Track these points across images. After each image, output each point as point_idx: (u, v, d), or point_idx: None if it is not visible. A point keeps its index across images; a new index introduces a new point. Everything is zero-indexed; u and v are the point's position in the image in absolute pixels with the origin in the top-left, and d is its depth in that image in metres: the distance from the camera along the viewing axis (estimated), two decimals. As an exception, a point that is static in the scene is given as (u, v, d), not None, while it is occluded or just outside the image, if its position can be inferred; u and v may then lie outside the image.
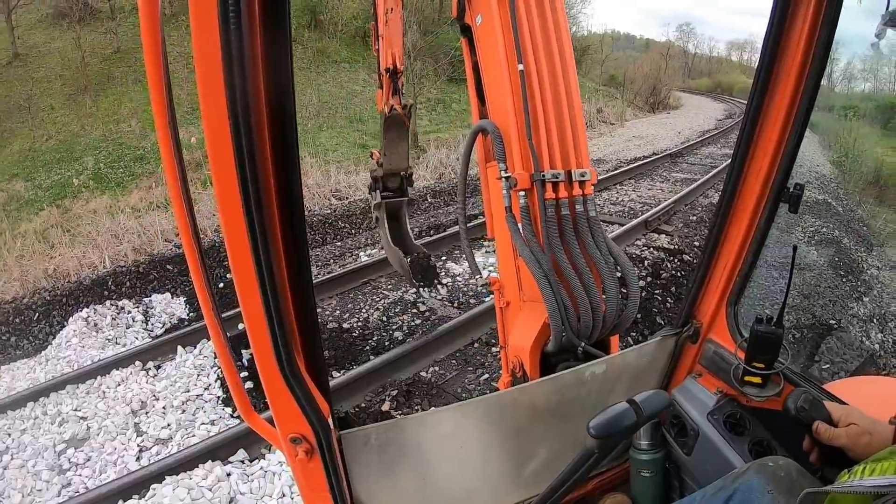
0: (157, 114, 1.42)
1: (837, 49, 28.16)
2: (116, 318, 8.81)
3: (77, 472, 5.59)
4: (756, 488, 1.88)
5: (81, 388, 6.86)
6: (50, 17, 27.42)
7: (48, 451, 5.84)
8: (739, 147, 2.24)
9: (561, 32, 3.15)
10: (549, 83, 3.05)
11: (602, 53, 57.50)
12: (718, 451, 2.44)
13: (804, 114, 2.06)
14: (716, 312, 2.61)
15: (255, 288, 1.53)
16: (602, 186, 15.41)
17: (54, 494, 5.32)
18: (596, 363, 2.59)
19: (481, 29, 3.22)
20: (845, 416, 1.95)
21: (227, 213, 1.45)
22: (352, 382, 6.25)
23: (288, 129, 1.48)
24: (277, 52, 1.39)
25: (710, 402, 2.57)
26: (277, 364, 1.66)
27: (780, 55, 2.03)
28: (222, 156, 1.36)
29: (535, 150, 2.93)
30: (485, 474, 2.61)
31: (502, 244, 3.26)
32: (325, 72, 27.99)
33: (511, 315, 3.37)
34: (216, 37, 1.24)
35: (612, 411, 1.74)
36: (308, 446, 1.87)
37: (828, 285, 9.14)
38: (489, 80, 3.26)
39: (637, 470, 2.76)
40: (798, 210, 2.20)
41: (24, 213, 16.58)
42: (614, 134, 29.44)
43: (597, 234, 3.12)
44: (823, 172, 19.66)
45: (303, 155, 16.16)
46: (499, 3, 3.00)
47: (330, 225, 12.65)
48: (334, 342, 7.55)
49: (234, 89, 1.28)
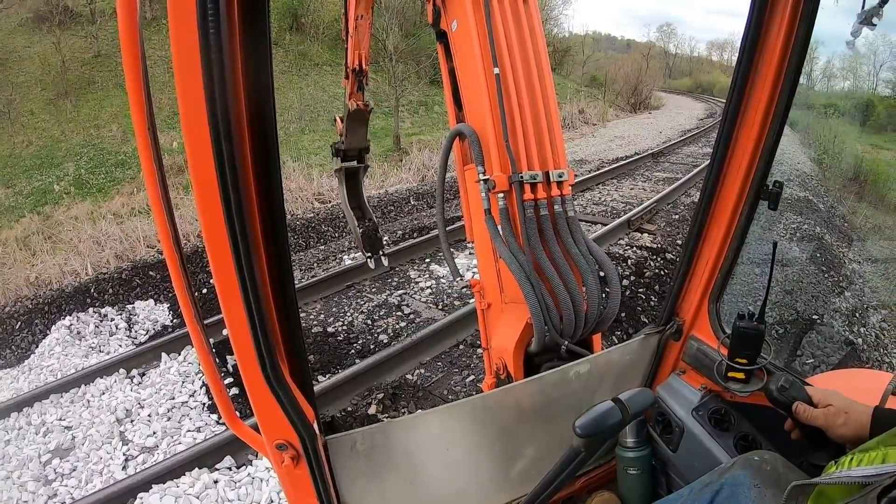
0: (136, 118, 1.42)
1: (817, 48, 28.46)
2: (100, 326, 8.71)
3: (63, 483, 5.51)
4: (743, 483, 1.90)
5: (65, 398, 6.78)
6: (30, 20, 27.16)
7: (33, 461, 5.76)
8: (719, 146, 2.27)
9: (536, 36, 3.18)
10: (525, 86, 3.08)
11: (583, 54, 57.77)
12: (704, 447, 2.46)
13: (782, 112, 2.08)
14: (698, 310, 2.64)
15: (237, 294, 1.52)
16: (584, 187, 15.50)
17: (40, 506, 5.27)
18: (580, 363, 2.60)
19: (457, 34, 3.24)
20: (824, 397, 1.98)
21: (207, 219, 1.44)
22: (338, 386, 6.24)
23: (268, 133, 1.47)
24: (257, 55, 1.38)
25: (694, 398, 2.60)
26: (261, 371, 1.65)
27: (758, 54, 2.06)
28: (202, 161, 1.35)
29: (512, 152, 2.95)
30: (472, 476, 2.62)
31: (482, 247, 3.27)
32: (306, 75, 27.96)
33: (493, 317, 3.38)
34: (195, 40, 1.23)
35: (598, 410, 1.76)
36: (294, 453, 1.86)
37: (809, 281, 9.23)
38: (465, 84, 3.27)
39: (624, 468, 2.78)
40: (778, 207, 2.21)
41: (4, 220, 16.43)
42: (596, 134, 29.58)
43: (576, 233, 3.14)
44: (804, 170, 19.84)
45: (285, 159, 16.16)
46: (474, 8, 3.02)
47: (313, 229, 12.59)
48: (319, 346, 7.56)
49: (213, 93, 1.27)
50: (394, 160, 21.69)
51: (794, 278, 9.25)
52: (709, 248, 2.50)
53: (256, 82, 1.40)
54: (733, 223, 2.38)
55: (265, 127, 1.46)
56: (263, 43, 1.39)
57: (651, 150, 22.48)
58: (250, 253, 1.47)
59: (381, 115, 26.10)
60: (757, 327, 2.30)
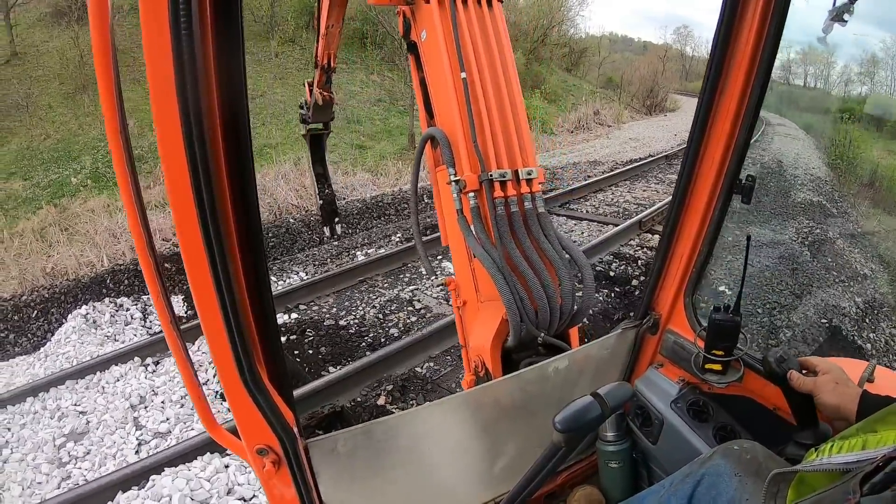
0: (107, 120, 1.40)
1: (835, 52, 28.24)
2: (115, 316, 8.87)
3: (77, 465, 5.65)
4: (724, 472, 1.92)
5: (81, 384, 6.94)
6: (49, 15, 27.35)
7: (48, 444, 5.89)
8: (692, 141, 2.30)
9: (502, 41, 3.29)
10: (492, 90, 3.18)
11: (599, 56, 57.54)
12: (684, 439, 2.51)
13: (754, 107, 2.12)
14: (674, 303, 2.68)
15: (213, 299, 1.51)
16: (597, 188, 15.49)
17: (54, 487, 5.38)
18: (558, 358, 2.62)
19: (426, 44, 3.33)
20: (822, 366, 2.00)
21: (182, 222, 1.42)
22: (348, 378, 6.35)
23: (242, 135, 1.45)
24: (230, 56, 1.37)
25: (672, 390, 2.64)
26: (239, 375, 1.64)
27: (731, 50, 2.09)
28: (176, 163, 1.34)
29: (480, 152, 3.02)
30: (455, 474, 2.65)
31: (456, 247, 3.33)
32: (322, 72, 28.00)
33: (469, 314, 3.42)
34: (167, 41, 1.23)
35: (577, 405, 1.76)
36: (275, 457, 1.86)
37: (818, 285, 9.21)
38: (435, 91, 3.35)
39: (605, 461, 2.85)
40: (751, 201, 2.25)
41: (21, 212, 16.55)
42: (611, 136, 29.47)
43: (547, 229, 3.18)
44: (819, 175, 19.71)
45: (300, 156, 16.19)
46: (441, 18, 3.14)
47: (327, 225, 12.63)
48: (331, 339, 7.67)
49: (186, 94, 1.26)
50: (408, 159, 21.69)
51: (806, 282, 9.23)
52: (683, 242, 2.53)
53: (230, 83, 1.39)
54: (707, 218, 2.41)
55: (239, 128, 1.44)
56: (237, 44, 1.38)
57: (665, 152, 22.36)
58: (225, 256, 1.46)
59: (396, 114, 26.10)
60: (733, 319, 2.34)
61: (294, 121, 22.90)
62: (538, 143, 24.45)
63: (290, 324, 8.21)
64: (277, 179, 14.28)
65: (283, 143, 20.70)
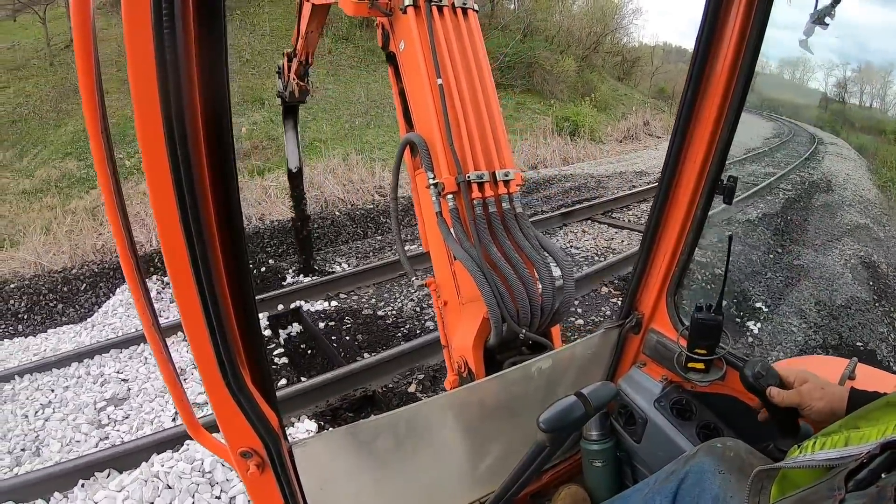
0: (89, 122, 1.40)
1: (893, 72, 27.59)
2: (161, 293, 9.17)
3: (115, 428, 5.89)
4: (708, 469, 1.93)
5: (125, 353, 7.24)
6: (108, 4, 28.04)
7: (88, 407, 6.15)
8: (675, 141, 2.31)
9: (477, 50, 3.38)
10: (468, 95, 3.25)
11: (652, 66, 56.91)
12: (667, 437, 2.53)
13: (736, 108, 2.13)
14: (656, 303, 2.70)
15: (195, 301, 1.50)
16: (641, 198, 15.36)
17: (91, 446, 5.62)
18: (542, 358, 2.64)
19: (404, 54, 3.42)
20: (798, 377, 1.99)
21: (163, 223, 1.41)
22: (382, 364, 6.50)
23: (224, 137, 1.44)
24: (213, 57, 1.36)
25: (655, 389, 2.67)
26: (223, 378, 1.63)
27: (714, 50, 2.11)
28: (157, 165, 1.34)
29: (457, 154, 3.08)
30: (440, 475, 2.65)
31: (436, 250, 3.39)
32: (374, 71, 28.08)
33: (450, 315, 3.45)
34: (149, 41, 1.23)
35: (561, 405, 1.76)
36: (259, 460, 1.85)
37: (858, 308, 9.08)
38: (413, 99, 3.43)
39: (589, 460, 2.87)
40: (732, 202, 2.25)
41: (75, 191, 16.96)
42: (659, 147, 29.03)
43: (525, 228, 3.22)
44: (868, 197, 19.35)
45: (349, 151, 16.35)
46: (418, 28, 3.22)
47: (372, 220, 12.85)
48: (368, 327, 7.86)
49: (168, 95, 1.26)
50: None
51: (843, 304, 9.10)
52: (666, 242, 2.55)
53: (212, 85, 1.37)
54: (689, 217, 2.43)
55: (222, 130, 1.43)
56: (219, 45, 1.36)
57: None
58: (207, 258, 1.45)
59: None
60: (715, 318, 2.37)
61: (344, 116, 23.20)
62: (586, 151, 24.25)
63: (331, 311, 8.43)
64: (326, 174, 14.45)
65: (333, 137, 20.90)
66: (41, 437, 5.90)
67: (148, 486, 4.68)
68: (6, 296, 9.63)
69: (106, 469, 5.05)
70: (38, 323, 9.32)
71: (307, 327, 8.08)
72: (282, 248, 11.37)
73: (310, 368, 7.16)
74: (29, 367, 7.11)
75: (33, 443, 5.84)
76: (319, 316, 8.30)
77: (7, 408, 6.46)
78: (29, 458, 5.67)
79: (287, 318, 8.33)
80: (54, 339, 8.17)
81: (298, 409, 5.93)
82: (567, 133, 25.26)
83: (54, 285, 9.71)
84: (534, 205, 14.78)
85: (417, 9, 3.24)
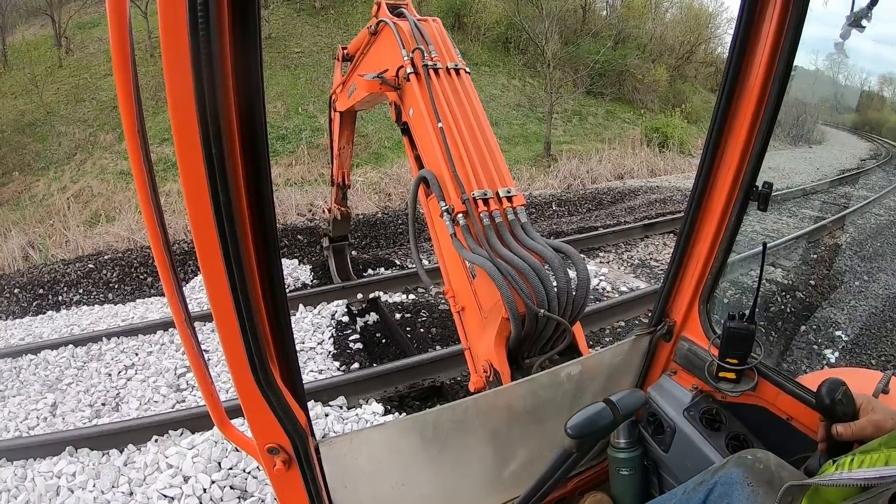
0: (125, 120, 1.41)
1: None
2: (197, 289, 9.57)
3: (192, 393, 6.34)
4: (736, 481, 1.89)
5: (208, 326, 7.63)
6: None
7: (169, 372, 6.59)
8: (709, 147, 2.27)
9: (472, 101, 3.96)
10: (467, 133, 3.75)
11: (746, 79, 55.08)
12: (696, 447, 2.48)
13: (771, 114, 2.09)
14: (688, 311, 2.65)
15: (227, 298, 1.51)
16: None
17: (168, 407, 6.05)
18: (571, 364, 2.61)
19: (414, 118, 4.03)
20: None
21: (197, 222, 1.42)
22: (452, 357, 6.64)
23: (258, 135, 1.45)
24: (247, 57, 1.36)
25: (685, 398, 2.62)
26: (252, 375, 1.65)
27: (748, 56, 2.07)
28: (192, 164, 1.35)
29: (461, 179, 3.50)
30: (464, 478, 2.64)
31: (453, 268, 3.78)
32: (467, 74, 28.34)
33: (469, 318, 3.72)
34: (185, 42, 1.22)
35: (589, 411, 1.75)
36: (286, 456, 1.86)
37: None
38: (423, 146, 3.98)
39: (616, 468, 2.81)
40: (767, 208, 2.22)
41: (170, 175, 17.78)
42: (750, 163, 28.19)
43: (532, 234, 3.50)
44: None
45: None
46: (420, 90, 3.89)
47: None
48: (443, 322, 8.06)
49: (203, 95, 1.26)
50: (542, 166, 21.79)
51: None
52: (699, 249, 2.50)
53: (246, 84, 1.38)
54: (723, 225, 2.38)
55: (255, 129, 1.43)
56: (254, 44, 1.37)
57: (803, 185, 21.23)
58: (240, 256, 1.45)
59: (534, 121, 25.94)
60: (747, 328, 2.31)
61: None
62: (674, 163, 23.80)
63: (408, 303, 8.63)
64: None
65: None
66: (122, 394, 6.37)
67: (217, 448, 5.00)
68: (100, 265, 10.26)
69: (180, 428, 5.39)
70: (128, 293, 9.92)
71: (384, 317, 8.32)
72: (365, 241, 11.68)
73: (382, 356, 7.37)
74: (116, 331, 7.62)
75: (114, 399, 6.35)
76: (396, 307, 8.49)
77: (92, 365, 6.98)
78: (108, 412, 6.13)
79: (365, 308, 8.59)
80: (142, 308, 8.71)
81: (368, 393, 6.15)
82: (656, 144, 24.82)
83: (145, 259, 10.28)
84: (617, 215, 14.65)
85: (418, 75, 3.94)
